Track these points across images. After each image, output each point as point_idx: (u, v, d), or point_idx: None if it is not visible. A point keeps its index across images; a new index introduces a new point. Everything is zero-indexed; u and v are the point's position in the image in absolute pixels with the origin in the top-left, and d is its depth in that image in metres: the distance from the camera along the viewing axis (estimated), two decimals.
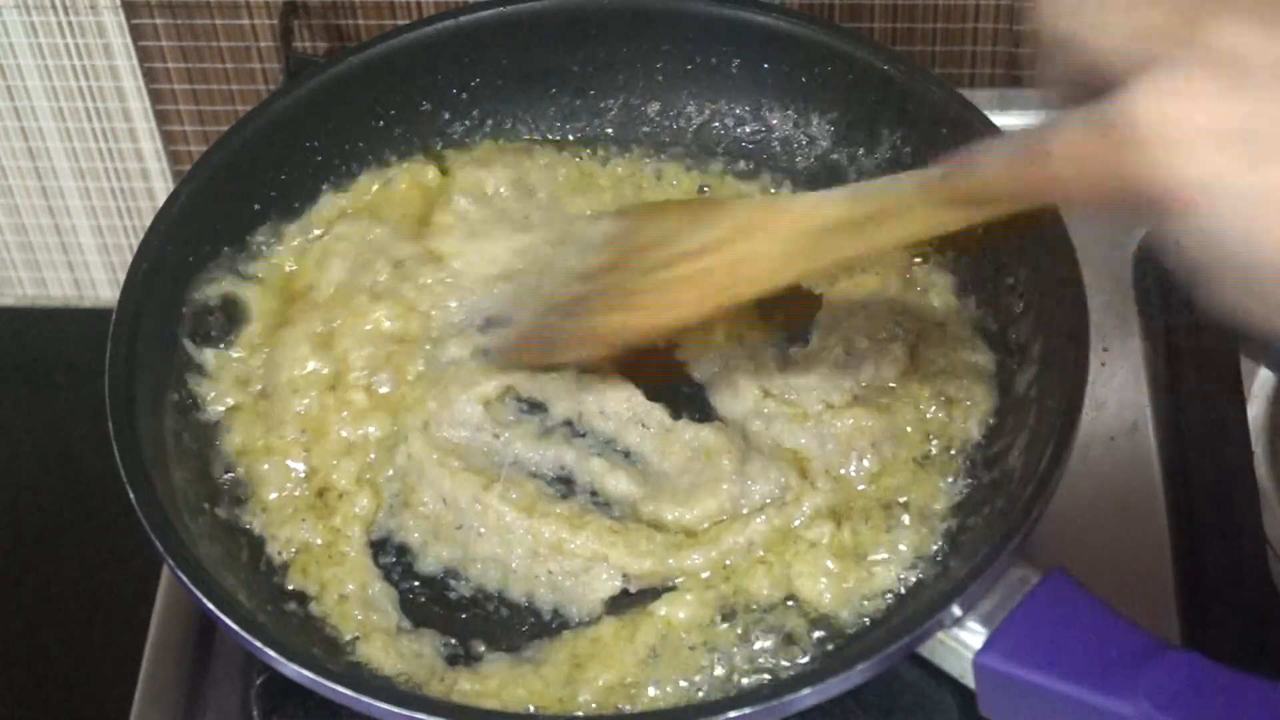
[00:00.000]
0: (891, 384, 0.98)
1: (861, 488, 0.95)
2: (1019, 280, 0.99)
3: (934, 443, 0.97)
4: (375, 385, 1.00)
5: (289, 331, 1.02)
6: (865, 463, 0.96)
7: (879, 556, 0.92)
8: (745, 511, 0.94)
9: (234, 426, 0.99)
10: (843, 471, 0.96)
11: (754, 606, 0.91)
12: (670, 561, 0.92)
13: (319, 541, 0.95)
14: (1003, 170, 0.70)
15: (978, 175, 0.72)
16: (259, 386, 1.01)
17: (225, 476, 0.98)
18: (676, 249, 0.90)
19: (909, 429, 0.97)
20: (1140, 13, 0.64)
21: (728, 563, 0.93)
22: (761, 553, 0.93)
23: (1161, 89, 0.62)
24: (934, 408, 0.98)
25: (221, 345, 1.02)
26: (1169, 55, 0.63)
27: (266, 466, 0.98)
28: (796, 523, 0.93)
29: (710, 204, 0.90)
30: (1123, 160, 0.63)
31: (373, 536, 0.96)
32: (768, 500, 0.94)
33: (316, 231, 1.07)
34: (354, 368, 1.01)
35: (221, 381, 1.01)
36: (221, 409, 1.00)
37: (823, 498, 0.94)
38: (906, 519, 0.94)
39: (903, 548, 0.92)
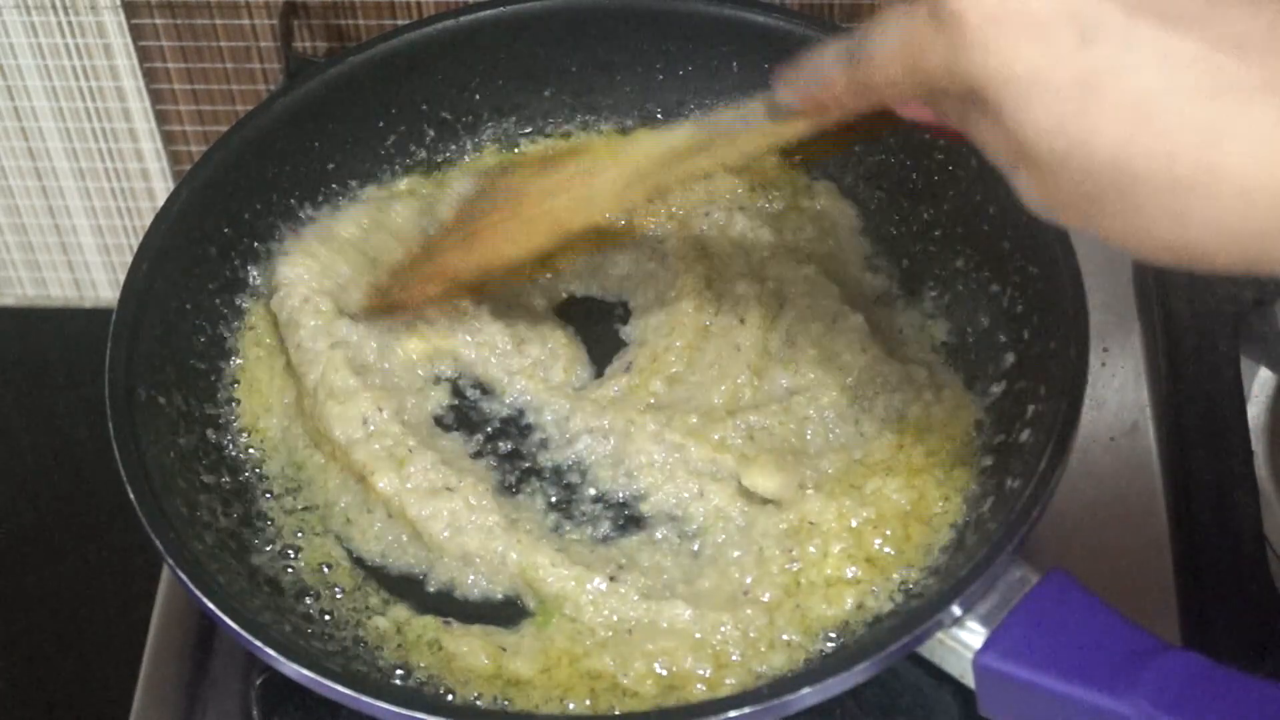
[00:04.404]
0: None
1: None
2: (1019, 280, 0.99)
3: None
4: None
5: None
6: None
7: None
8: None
9: None
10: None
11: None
12: None
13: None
14: (831, 76, 0.70)
15: (805, 84, 0.72)
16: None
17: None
18: (526, 193, 0.91)
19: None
20: None
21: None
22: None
23: None
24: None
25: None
26: None
27: None
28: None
29: (560, 153, 0.92)
30: (945, 47, 0.62)
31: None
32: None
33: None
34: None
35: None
36: None
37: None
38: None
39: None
